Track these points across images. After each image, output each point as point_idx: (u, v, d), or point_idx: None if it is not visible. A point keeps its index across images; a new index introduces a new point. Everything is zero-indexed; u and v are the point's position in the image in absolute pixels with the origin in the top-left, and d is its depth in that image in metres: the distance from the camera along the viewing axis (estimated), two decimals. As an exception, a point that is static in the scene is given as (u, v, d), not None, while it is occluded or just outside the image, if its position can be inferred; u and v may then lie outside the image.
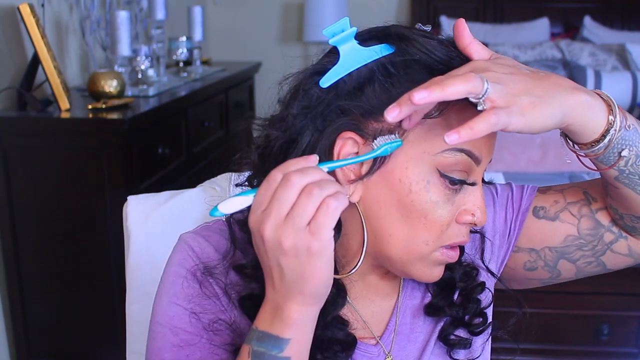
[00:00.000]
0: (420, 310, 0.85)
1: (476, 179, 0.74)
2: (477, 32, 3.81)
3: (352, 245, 0.77)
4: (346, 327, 0.77)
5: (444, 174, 0.71)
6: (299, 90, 0.74)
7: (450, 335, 0.84)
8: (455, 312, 0.83)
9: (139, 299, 1.12)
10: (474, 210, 0.73)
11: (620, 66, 3.51)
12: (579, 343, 2.28)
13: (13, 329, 2.11)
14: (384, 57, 0.71)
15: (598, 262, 0.84)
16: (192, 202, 1.12)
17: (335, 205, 0.62)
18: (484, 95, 0.61)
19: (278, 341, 0.66)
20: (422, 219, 0.71)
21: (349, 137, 0.71)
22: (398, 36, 0.72)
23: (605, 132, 0.67)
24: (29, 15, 1.99)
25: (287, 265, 0.63)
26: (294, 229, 0.62)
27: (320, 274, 0.64)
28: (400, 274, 0.78)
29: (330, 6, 3.75)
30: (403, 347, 0.83)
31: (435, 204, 0.71)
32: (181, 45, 2.93)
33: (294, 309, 0.65)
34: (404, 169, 0.71)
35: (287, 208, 0.62)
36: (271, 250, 0.63)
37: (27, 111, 2.07)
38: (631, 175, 0.72)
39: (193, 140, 2.58)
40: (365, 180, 0.72)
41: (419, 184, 0.71)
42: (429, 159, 0.70)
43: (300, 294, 0.65)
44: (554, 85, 0.65)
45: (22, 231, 2.03)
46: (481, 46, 0.70)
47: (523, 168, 2.46)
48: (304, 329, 0.67)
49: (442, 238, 0.73)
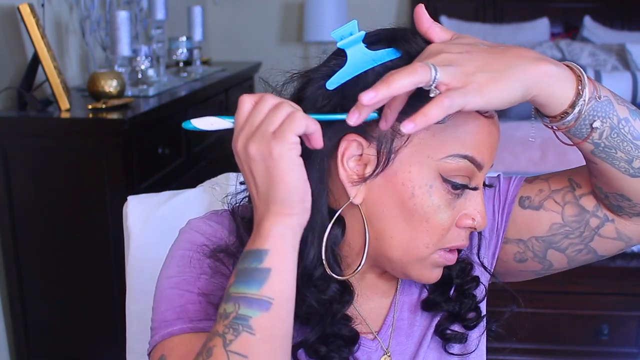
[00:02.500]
0: (417, 306, 0.85)
1: (478, 184, 0.74)
2: (477, 32, 3.81)
3: (355, 246, 0.77)
4: (350, 323, 0.78)
5: (447, 178, 0.71)
6: (305, 89, 0.74)
7: (446, 329, 0.84)
8: (451, 307, 0.84)
9: (139, 299, 1.12)
10: (475, 214, 0.74)
11: (620, 66, 3.51)
12: (579, 343, 2.28)
13: (13, 329, 2.11)
14: (391, 61, 0.72)
15: (588, 249, 0.83)
16: (192, 202, 1.13)
17: (300, 117, 0.64)
18: (434, 82, 0.61)
19: (258, 253, 0.66)
20: (423, 222, 0.72)
21: (353, 140, 0.72)
22: (405, 40, 0.72)
23: (573, 102, 0.66)
24: (29, 15, 1.99)
25: (257, 172, 0.65)
26: (261, 137, 0.64)
27: (286, 177, 0.64)
28: (399, 275, 0.79)
29: (330, 6, 3.74)
30: (400, 342, 0.84)
31: (437, 208, 0.72)
32: (181, 45, 2.93)
33: (270, 220, 0.66)
34: (407, 172, 0.71)
35: (259, 121, 0.65)
36: (243, 161, 0.66)
37: (27, 111, 2.07)
38: (607, 149, 0.70)
39: (193, 140, 2.58)
40: (368, 182, 0.72)
41: (422, 188, 0.71)
42: (433, 164, 0.71)
43: (273, 203, 0.65)
44: (515, 57, 0.64)
45: (22, 231, 2.03)
46: (441, 28, 0.70)
47: (523, 168, 2.46)
48: (281, 241, 0.66)
49: (442, 241, 0.74)
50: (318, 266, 0.73)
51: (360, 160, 0.73)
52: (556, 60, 0.66)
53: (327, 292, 0.74)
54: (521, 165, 2.46)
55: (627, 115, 0.70)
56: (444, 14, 3.90)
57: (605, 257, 0.86)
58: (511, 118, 3.23)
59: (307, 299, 0.73)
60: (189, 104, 2.56)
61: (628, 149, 0.70)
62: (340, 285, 0.75)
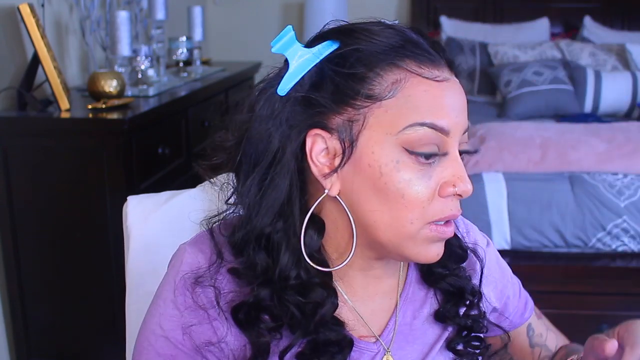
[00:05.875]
0: (422, 314, 0.85)
1: (448, 149, 0.73)
2: (477, 32, 3.81)
3: (342, 239, 0.77)
4: (341, 328, 0.77)
5: (413, 151, 0.71)
6: (259, 100, 0.76)
7: (458, 345, 0.84)
8: (463, 321, 0.84)
9: (139, 299, 1.12)
10: (454, 181, 0.73)
11: (620, 66, 3.51)
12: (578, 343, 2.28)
13: (13, 329, 2.11)
14: (331, 53, 0.74)
15: None
16: (192, 202, 1.12)
17: None
18: None
19: None
20: (399, 199, 0.72)
21: (316, 134, 0.73)
22: (339, 30, 0.75)
23: None
24: (29, 15, 1.99)
25: None
26: None
27: None
28: (398, 257, 0.78)
29: (330, 6, 3.75)
30: (402, 346, 0.83)
31: (409, 182, 0.71)
32: (181, 45, 2.94)
33: None
34: (370, 153, 0.72)
35: None
36: None
37: (27, 111, 2.07)
38: None
39: (193, 140, 2.58)
40: (340, 172, 0.73)
41: (388, 165, 0.71)
42: (393, 140, 0.71)
43: None
44: None
45: (22, 231, 2.03)
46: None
47: (523, 168, 2.45)
48: None
49: (426, 214, 0.73)
50: (293, 269, 0.74)
51: (328, 153, 0.74)
52: None
53: (310, 296, 0.73)
54: (521, 165, 2.46)
55: None
56: (444, 14, 3.90)
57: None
58: (511, 118, 3.24)
59: (287, 303, 0.73)
60: (189, 104, 2.56)
61: None
62: (324, 289, 0.75)
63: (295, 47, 0.74)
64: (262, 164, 0.74)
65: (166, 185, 1.88)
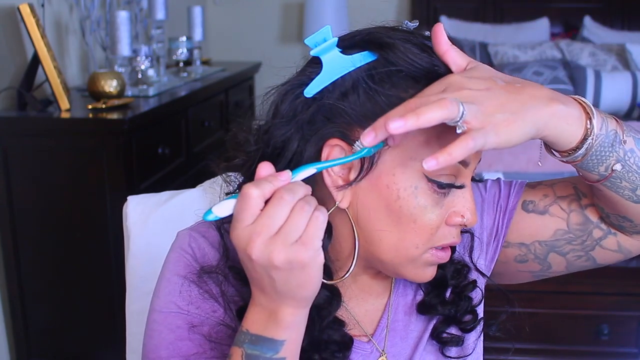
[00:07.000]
0: (413, 308, 0.85)
1: (464, 181, 0.74)
2: (477, 32, 3.81)
3: (344, 250, 0.77)
4: (342, 328, 0.78)
5: (432, 178, 0.71)
6: (284, 101, 0.74)
7: (442, 333, 0.84)
8: (447, 310, 0.84)
9: (139, 299, 1.12)
10: (464, 211, 0.74)
11: (620, 66, 3.51)
12: (578, 343, 2.28)
13: (13, 329, 2.11)
14: (367, 64, 0.72)
15: (588, 257, 0.84)
16: (192, 202, 1.12)
17: (323, 218, 0.64)
18: (461, 118, 0.61)
19: (273, 343, 0.66)
20: (411, 223, 0.72)
21: (335, 144, 0.71)
22: (380, 44, 0.72)
23: (582, 140, 0.67)
24: (29, 15, 1.99)
25: (279, 277, 0.64)
26: (284, 244, 0.62)
27: (313, 280, 0.65)
28: (393, 275, 0.79)
29: (330, 6, 3.74)
30: (395, 344, 0.84)
31: (424, 209, 0.71)
32: (181, 45, 2.94)
33: (288, 312, 0.66)
34: (391, 175, 0.71)
35: (279, 225, 0.63)
36: (260, 266, 0.64)
37: (27, 111, 2.07)
38: (612, 179, 0.71)
39: (193, 140, 2.58)
40: (354, 186, 0.72)
41: (407, 190, 0.71)
42: (416, 165, 0.70)
43: (293, 299, 0.65)
44: (529, 97, 0.65)
45: (22, 231, 2.03)
46: (458, 53, 0.70)
47: (523, 168, 2.45)
48: (297, 330, 0.68)
49: (432, 240, 0.74)
50: None
51: (344, 165, 0.73)
52: (567, 97, 0.67)
53: (316, 299, 0.73)
54: (521, 165, 2.46)
55: (633, 146, 0.71)
56: (444, 14, 3.90)
57: (602, 266, 0.86)
58: (511, 118, 3.23)
59: None
60: (189, 104, 2.57)
61: (633, 179, 0.71)
62: (329, 291, 0.75)
63: (333, 52, 0.71)
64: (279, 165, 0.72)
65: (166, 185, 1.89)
